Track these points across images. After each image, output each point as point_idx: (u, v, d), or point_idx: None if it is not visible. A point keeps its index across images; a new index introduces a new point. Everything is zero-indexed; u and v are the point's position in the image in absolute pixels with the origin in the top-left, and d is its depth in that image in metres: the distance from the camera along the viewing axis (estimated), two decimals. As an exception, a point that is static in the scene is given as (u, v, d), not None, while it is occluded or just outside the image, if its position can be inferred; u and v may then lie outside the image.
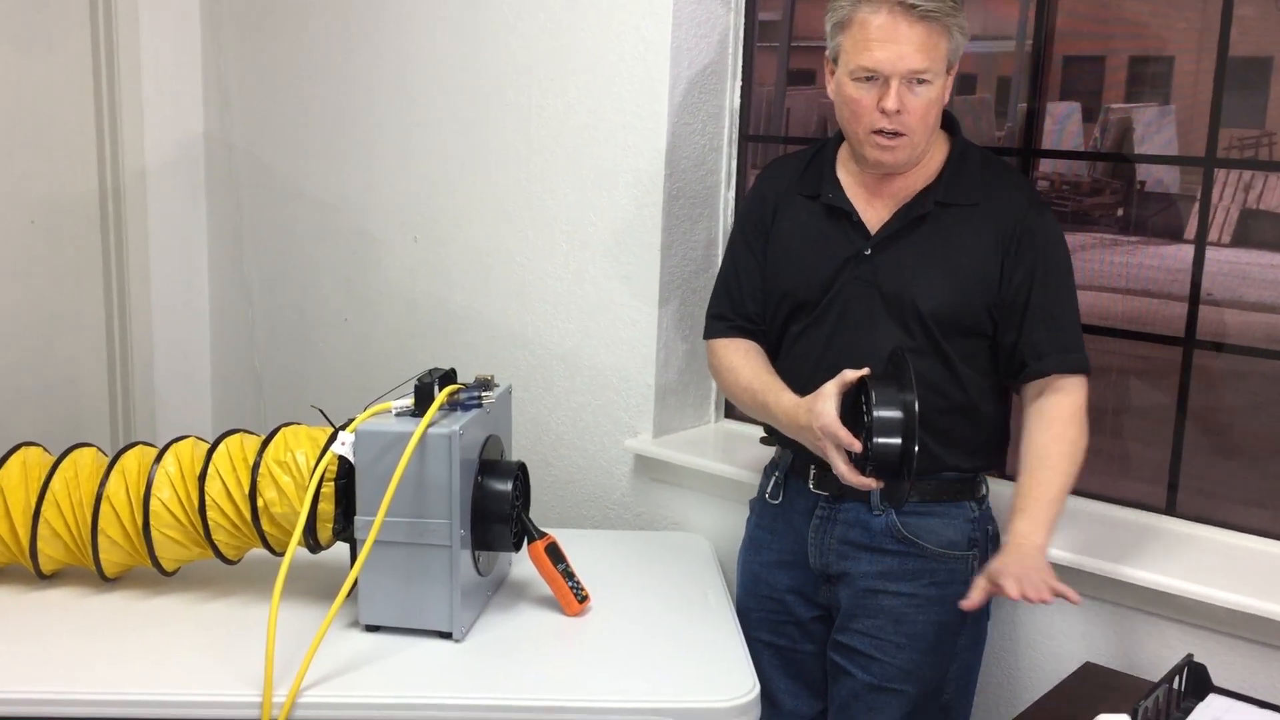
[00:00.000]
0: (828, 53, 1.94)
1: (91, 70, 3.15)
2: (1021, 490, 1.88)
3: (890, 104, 1.82)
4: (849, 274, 1.96)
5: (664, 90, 2.45)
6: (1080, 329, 1.95)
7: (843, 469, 1.81)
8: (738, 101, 2.58)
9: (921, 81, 1.83)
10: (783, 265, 2.05)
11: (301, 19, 3.10)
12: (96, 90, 3.16)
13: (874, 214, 1.98)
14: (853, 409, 1.83)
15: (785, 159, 2.20)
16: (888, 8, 1.81)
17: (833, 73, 1.93)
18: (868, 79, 1.84)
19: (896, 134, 1.86)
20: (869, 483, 1.80)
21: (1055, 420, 1.89)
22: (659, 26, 2.43)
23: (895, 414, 1.76)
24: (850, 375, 1.83)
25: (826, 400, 1.82)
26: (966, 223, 1.93)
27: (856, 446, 1.78)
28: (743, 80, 2.57)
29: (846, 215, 1.98)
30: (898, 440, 1.75)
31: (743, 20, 2.55)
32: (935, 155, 1.97)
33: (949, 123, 2.00)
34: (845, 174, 2.02)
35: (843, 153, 2.04)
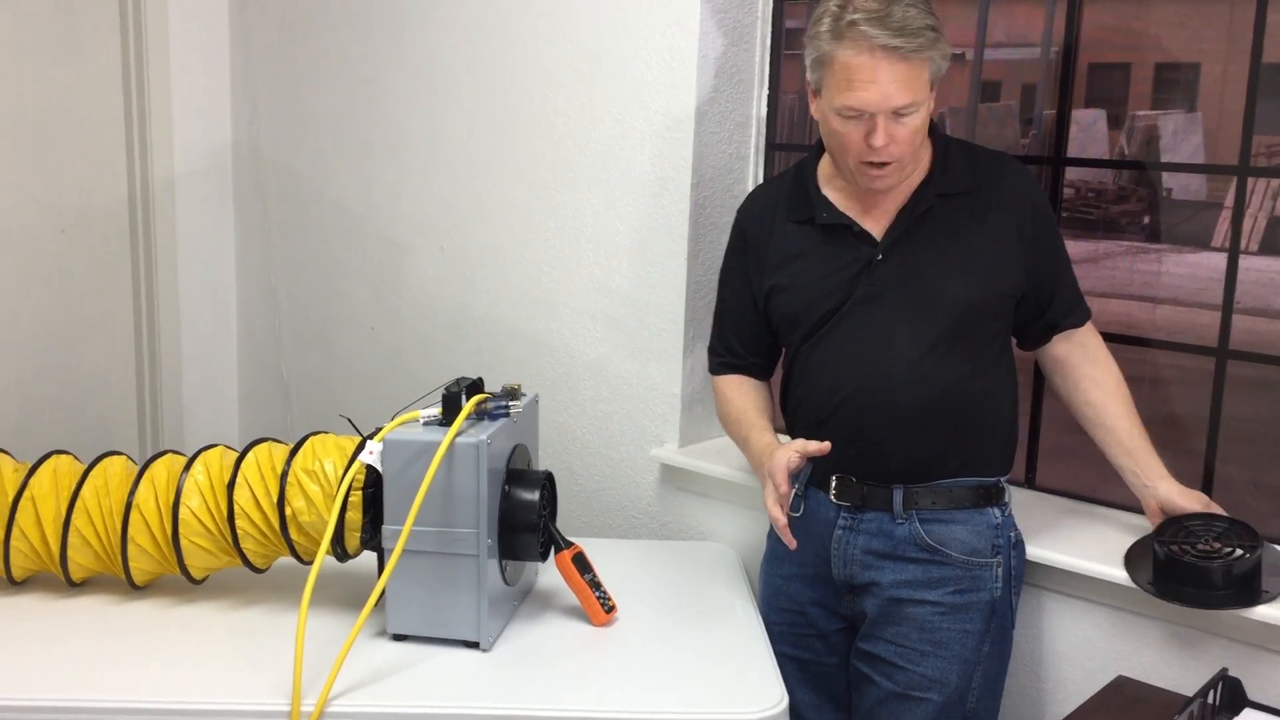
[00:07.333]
0: (809, 80, 1.92)
1: (121, 79, 3.17)
2: (1131, 445, 2.00)
3: (878, 141, 1.83)
4: (862, 284, 1.96)
5: (691, 98, 2.45)
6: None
7: (772, 509, 1.92)
8: (764, 109, 2.58)
9: (906, 114, 1.83)
10: (789, 292, 2.04)
11: (329, 28, 3.11)
12: (126, 99, 3.18)
13: (874, 222, 1.98)
14: None
15: (763, 188, 2.21)
16: (869, 49, 1.79)
17: (816, 95, 1.91)
18: (853, 116, 1.84)
19: (885, 163, 1.88)
20: (781, 521, 1.92)
21: (1101, 360, 2.04)
22: (686, 34, 2.43)
23: None
24: (813, 448, 1.92)
25: (787, 450, 1.92)
26: (969, 209, 1.96)
27: (784, 488, 1.91)
28: (769, 88, 2.57)
29: (848, 229, 1.98)
30: None
31: (770, 28, 2.54)
32: (923, 154, 1.97)
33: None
34: (833, 190, 2.02)
35: (823, 170, 2.04)
